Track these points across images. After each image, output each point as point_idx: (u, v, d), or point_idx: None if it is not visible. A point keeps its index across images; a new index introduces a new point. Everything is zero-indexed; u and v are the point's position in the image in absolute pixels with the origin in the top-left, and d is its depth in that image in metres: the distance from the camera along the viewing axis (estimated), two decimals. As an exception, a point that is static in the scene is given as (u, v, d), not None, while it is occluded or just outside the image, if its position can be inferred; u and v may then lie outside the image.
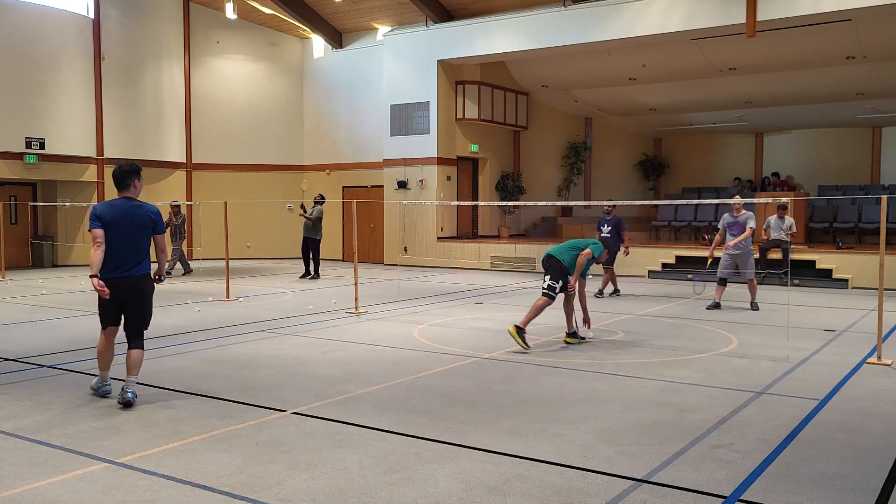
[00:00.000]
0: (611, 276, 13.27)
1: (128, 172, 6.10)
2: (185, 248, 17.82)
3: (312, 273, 16.59)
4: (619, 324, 10.20)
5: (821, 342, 8.80)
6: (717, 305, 11.63)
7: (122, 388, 5.96)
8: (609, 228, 13.25)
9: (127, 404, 5.85)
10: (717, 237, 11.80)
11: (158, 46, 21.08)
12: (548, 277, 8.42)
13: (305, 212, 16.71)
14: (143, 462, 4.64)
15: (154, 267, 6.22)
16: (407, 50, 20.02)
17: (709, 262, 12.04)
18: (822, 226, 18.96)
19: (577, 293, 8.65)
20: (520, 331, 8.25)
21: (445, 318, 10.76)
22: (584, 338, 8.80)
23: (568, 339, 8.70)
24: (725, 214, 11.69)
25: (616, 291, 13.35)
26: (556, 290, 8.37)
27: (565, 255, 8.47)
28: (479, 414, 5.73)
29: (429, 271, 18.45)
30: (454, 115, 20.04)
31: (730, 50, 17.41)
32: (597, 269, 12.48)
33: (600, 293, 13.14)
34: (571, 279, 8.44)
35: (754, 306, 11.54)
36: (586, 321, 8.97)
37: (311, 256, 16.68)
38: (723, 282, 11.70)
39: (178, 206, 17.32)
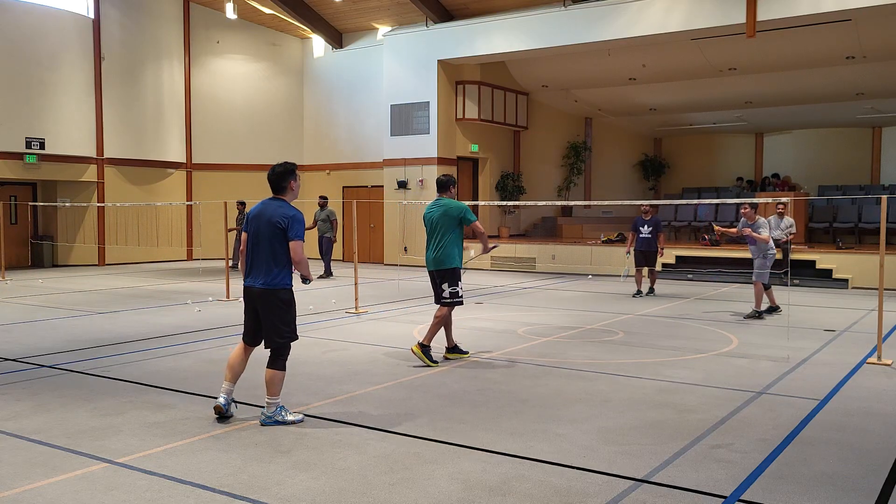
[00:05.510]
0: (654, 276, 13.57)
1: (282, 174, 5.55)
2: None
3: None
4: (619, 324, 10.20)
5: (821, 342, 8.80)
6: (775, 309, 11.14)
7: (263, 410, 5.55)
8: (650, 229, 13.28)
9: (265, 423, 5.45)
10: (734, 230, 11.34)
11: (158, 46, 21.08)
12: (446, 284, 7.50)
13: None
14: (143, 462, 4.64)
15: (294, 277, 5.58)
16: (407, 50, 20.02)
17: (718, 233, 11.64)
18: (822, 226, 18.96)
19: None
20: (424, 348, 7.41)
21: (445, 318, 10.74)
22: (466, 352, 7.91)
23: (449, 355, 7.76)
24: (742, 219, 11.26)
25: (651, 290, 13.54)
26: (460, 294, 7.56)
27: (450, 250, 7.53)
28: (479, 414, 5.73)
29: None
30: (454, 115, 20.04)
31: (730, 50, 17.40)
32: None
33: (652, 291, 13.43)
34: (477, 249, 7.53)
35: (754, 314, 10.84)
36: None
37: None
38: (766, 286, 11.05)
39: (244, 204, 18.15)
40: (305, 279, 5.60)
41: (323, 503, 4.03)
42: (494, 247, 7.97)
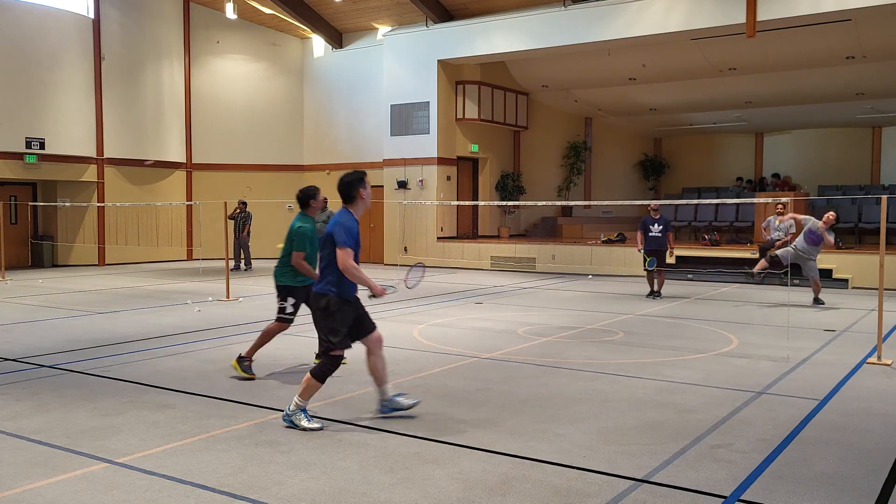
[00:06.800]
0: (663, 278, 13.14)
1: (350, 184, 5.45)
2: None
3: None
4: (619, 324, 10.20)
5: (821, 342, 8.80)
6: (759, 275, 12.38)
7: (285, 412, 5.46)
8: (660, 227, 12.94)
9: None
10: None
11: (158, 46, 21.08)
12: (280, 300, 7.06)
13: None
14: (143, 462, 4.64)
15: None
16: (407, 50, 20.02)
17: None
18: (821, 226, 18.95)
19: None
20: (241, 360, 6.97)
21: (445, 318, 10.76)
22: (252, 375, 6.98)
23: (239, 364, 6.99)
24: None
25: (658, 293, 13.08)
26: (287, 311, 7.03)
27: (285, 268, 7.01)
28: (479, 414, 5.73)
29: (429, 271, 18.45)
30: (454, 115, 20.04)
31: (730, 50, 17.40)
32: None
33: (658, 294, 12.98)
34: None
35: (818, 301, 12.17)
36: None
37: None
38: (763, 253, 12.39)
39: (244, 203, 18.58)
40: (371, 294, 5.74)
41: (323, 503, 4.03)
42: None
